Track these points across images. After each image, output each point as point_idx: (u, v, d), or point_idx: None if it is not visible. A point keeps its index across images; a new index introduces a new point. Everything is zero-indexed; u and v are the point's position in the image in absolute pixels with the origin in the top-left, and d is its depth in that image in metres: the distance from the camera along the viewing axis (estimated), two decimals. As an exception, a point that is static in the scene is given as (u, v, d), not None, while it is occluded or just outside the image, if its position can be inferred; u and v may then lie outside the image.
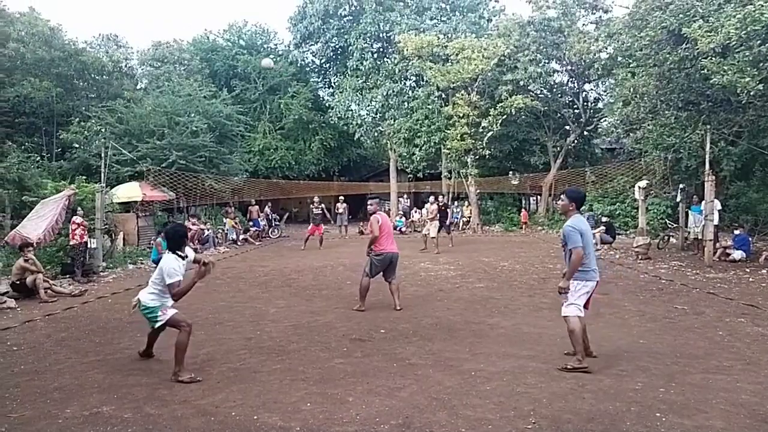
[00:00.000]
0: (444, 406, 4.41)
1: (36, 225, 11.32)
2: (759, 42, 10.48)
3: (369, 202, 8.93)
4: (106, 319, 7.94)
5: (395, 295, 8.32)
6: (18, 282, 9.44)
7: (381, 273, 8.35)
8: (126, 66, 28.38)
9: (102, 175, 14.17)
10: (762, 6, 10.37)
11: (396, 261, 8.38)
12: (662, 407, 4.33)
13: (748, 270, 11.76)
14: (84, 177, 15.40)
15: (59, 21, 38.59)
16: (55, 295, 9.57)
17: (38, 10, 23.90)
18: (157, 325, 5.47)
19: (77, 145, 20.02)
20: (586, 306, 5.50)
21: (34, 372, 5.50)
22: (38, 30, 22.59)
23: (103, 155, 14.67)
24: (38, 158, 17.44)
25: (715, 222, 13.41)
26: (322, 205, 18.71)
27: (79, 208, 12.08)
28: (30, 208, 12.33)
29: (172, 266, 5.34)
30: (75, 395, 4.80)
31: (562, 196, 5.73)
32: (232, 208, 22.17)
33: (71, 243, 11.53)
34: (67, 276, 11.49)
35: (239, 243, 19.54)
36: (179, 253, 5.49)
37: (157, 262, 13.32)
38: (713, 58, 11.11)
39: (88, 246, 12.12)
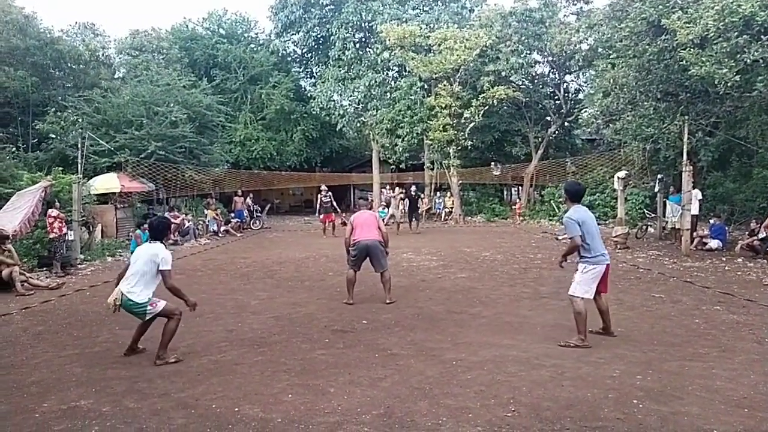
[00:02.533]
0: (425, 396, 4.44)
1: (12, 217, 11.10)
2: (736, 34, 10.60)
3: (359, 201, 9.03)
4: (84, 312, 7.85)
5: (385, 287, 8.15)
6: (-7, 275, 9.27)
7: (369, 263, 8.18)
8: (103, 55, 27.82)
9: (79, 166, 13.92)
10: (739, -2, 10.49)
11: (375, 249, 8.03)
12: (639, 394, 4.40)
13: (724, 259, 11.98)
14: (61, 168, 15.10)
15: (34, 8, 37.82)
16: (32, 288, 9.44)
17: (11, -3, 23.34)
18: (148, 317, 5.43)
19: (54, 136, 19.64)
20: (604, 289, 6.03)
21: (11, 366, 5.41)
22: (12, 18, 22.05)
23: (80, 146, 14.43)
24: (14, 149, 17.07)
25: (695, 212, 13.61)
26: (330, 193, 18.78)
27: (55, 201, 11.87)
28: (5, 200, 12.08)
29: (166, 253, 5.39)
30: (52, 389, 4.74)
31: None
32: (214, 199, 21.99)
33: (51, 236, 11.34)
34: (44, 269, 11.33)
35: (220, 234, 19.39)
36: (163, 243, 5.57)
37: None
38: (692, 50, 11.22)
39: (66, 238, 11.93)
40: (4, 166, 14.11)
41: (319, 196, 18.63)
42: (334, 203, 18.96)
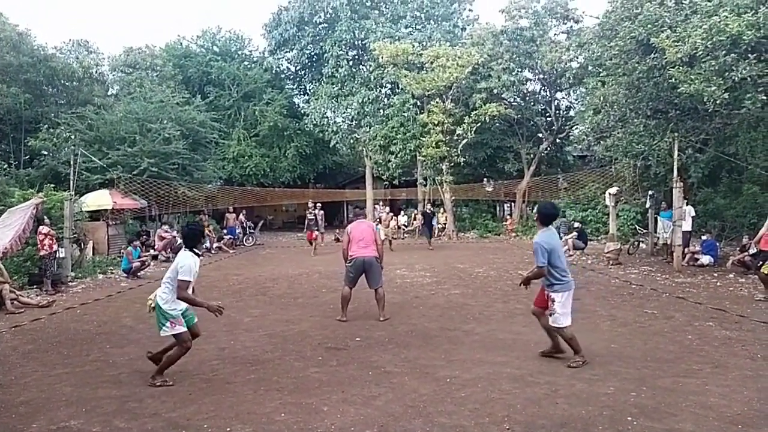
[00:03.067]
0: (419, 414, 4.41)
1: (2, 234, 10.99)
2: (724, 52, 10.76)
3: (353, 211, 9.08)
4: (75, 331, 7.77)
5: (379, 304, 8.11)
6: (-17, 293, 9.17)
7: (365, 279, 8.13)
8: (97, 72, 27.85)
9: (71, 182, 13.89)
10: (726, 17, 10.67)
11: (372, 266, 8.03)
12: (633, 411, 4.39)
13: (715, 275, 12.03)
14: (52, 185, 15.05)
15: (28, 26, 37.88)
16: (22, 306, 9.34)
17: (6, 15, 23.35)
18: (162, 333, 5.29)
19: (46, 153, 19.61)
20: (545, 305, 5.80)
21: (-1, 386, 5.34)
22: (6, 35, 22.05)
23: (72, 163, 14.40)
24: (5, 166, 17.01)
25: (687, 228, 13.68)
26: (316, 211, 19.02)
27: (45, 218, 11.78)
28: (-4, 217, 11.99)
29: (188, 262, 5.24)
30: (42, 409, 4.67)
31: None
32: (206, 215, 21.92)
33: (41, 254, 11.25)
34: (35, 286, 11.22)
35: (213, 251, 19.30)
36: (195, 251, 5.42)
37: (127, 271, 13.21)
38: (680, 68, 11.38)
39: (57, 255, 11.84)
40: (-5, 183, 14.04)
41: (306, 212, 18.82)
42: (319, 220, 19.20)
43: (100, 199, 16.83)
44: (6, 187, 14.51)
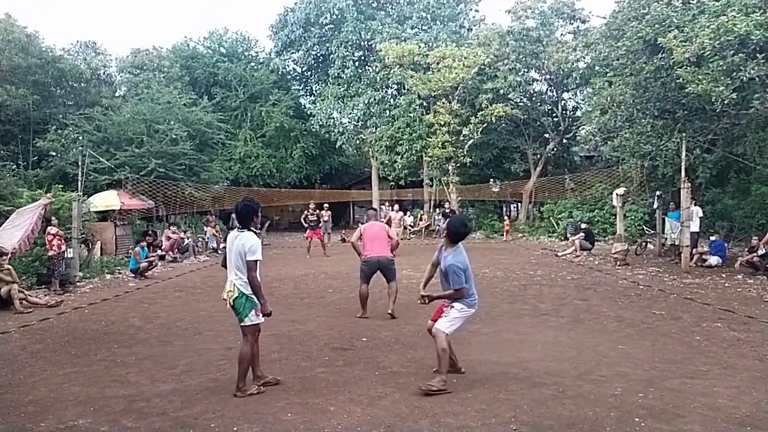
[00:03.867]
0: (426, 414, 4.41)
1: (11, 234, 11.10)
2: (732, 52, 10.71)
3: (368, 211, 9.37)
4: (83, 330, 7.81)
5: (390, 297, 8.31)
6: (-8, 293, 9.24)
7: (382, 276, 8.35)
8: (104, 73, 28.01)
9: (79, 183, 13.96)
10: (734, 17, 10.62)
11: (388, 264, 8.31)
12: (641, 412, 4.37)
13: (724, 275, 11.96)
14: (61, 186, 15.16)
15: (36, 28, 38.15)
16: (31, 305, 9.39)
17: (15, 17, 23.52)
18: (246, 323, 4.98)
19: (54, 154, 19.74)
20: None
21: (8, 385, 5.37)
22: (15, 37, 22.23)
23: (80, 163, 14.47)
24: (14, 167, 17.14)
25: (695, 228, 13.60)
26: (320, 212, 18.92)
27: (53, 218, 11.85)
28: (5, 218, 12.08)
29: (255, 241, 4.93)
30: (50, 408, 4.70)
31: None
32: (213, 216, 21.99)
33: (49, 254, 11.32)
34: (43, 286, 11.29)
35: (220, 251, 19.33)
36: (253, 230, 5.10)
37: (135, 271, 13.27)
38: (688, 68, 11.33)
39: (65, 256, 11.92)
40: (4, 184, 14.15)
41: (305, 212, 18.63)
42: (326, 222, 19.19)
43: (107, 200, 16.92)
44: (15, 188, 14.61)
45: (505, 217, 25.32)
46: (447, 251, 5.32)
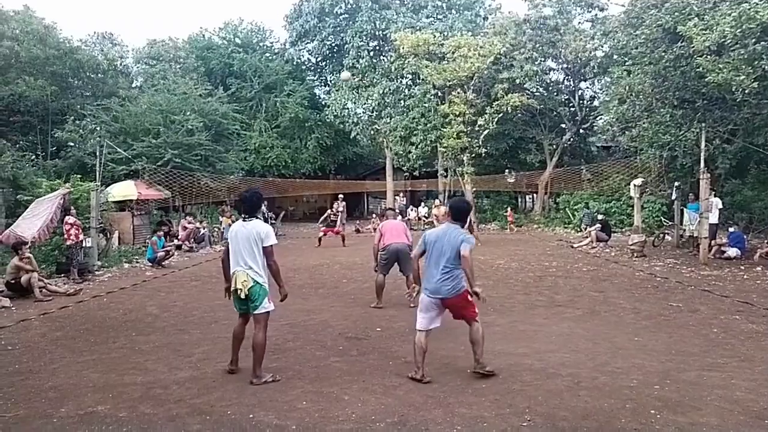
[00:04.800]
0: (439, 404, 4.42)
1: (31, 224, 11.28)
2: (754, 40, 10.49)
3: (387, 211, 9.59)
4: (102, 318, 7.92)
5: (411, 290, 8.30)
6: (13, 281, 9.41)
7: (397, 267, 8.40)
8: (121, 64, 28.28)
9: (97, 173, 14.12)
10: (757, 4, 10.40)
11: (405, 253, 8.28)
12: (657, 404, 4.34)
13: (743, 267, 11.80)
14: (79, 176, 15.34)
15: (54, 19, 38.35)
16: (50, 294, 9.54)
17: (33, 8, 23.82)
18: (259, 311, 5.04)
19: (72, 144, 19.95)
20: (468, 315, 5.17)
21: (29, 371, 5.48)
22: (33, 28, 22.48)
23: (98, 154, 14.63)
24: (33, 157, 17.39)
25: (714, 220, 13.42)
26: (340, 207, 19.55)
27: (71, 208, 12.01)
28: (25, 207, 12.28)
29: (267, 227, 5.02)
30: (70, 394, 4.78)
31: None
32: (229, 206, 22.13)
33: (68, 243, 11.49)
34: (62, 275, 11.46)
35: (232, 243, 19.48)
36: (258, 216, 5.16)
37: (152, 261, 13.42)
38: (708, 57, 11.13)
39: (84, 245, 12.08)
40: (23, 174, 14.36)
41: (329, 211, 19.13)
42: (341, 213, 19.40)
43: (125, 190, 17.09)
44: (34, 178, 14.83)
45: (509, 209, 25.01)
46: (449, 230, 5.14)
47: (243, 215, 5.15)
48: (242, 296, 5.00)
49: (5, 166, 13.89)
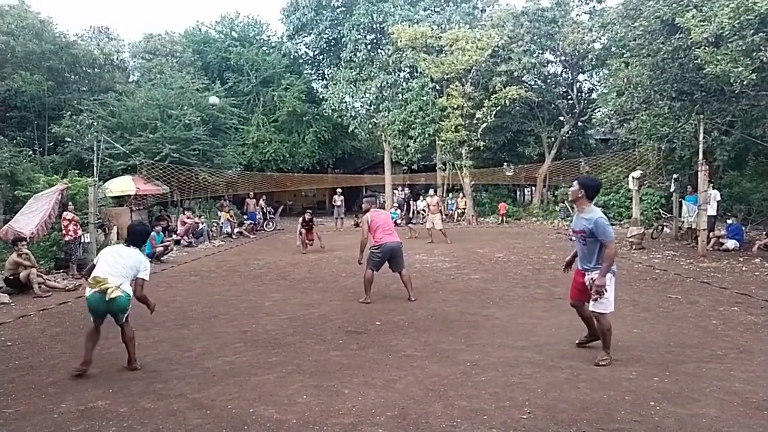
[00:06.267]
0: (439, 397, 4.43)
1: (29, 219, 11.25)
2: (752, 31, 10.48)
3: (364, 200, 8.92)
4: (101, 314, 7.90)
5: (408, 286, 8.30)
6: (12, 277, 9.39)
7: (387, 264, 8.32)
8: (118, 59, 28.18)
9: (94, 168, 14.08)
10: (755, -5, 10.37)
11: (399, 251, 8.28)
12: (656, 396, 4.36)
13: (741, 259, 11.83)
14: (76, 171, 15.31)
15: (49, 14, 38.32)
16: (49, 289, 9.53)
17: (28, 3, 23.67)
18: (124, 317, 5.32)
19: (69, 139, 19.92)
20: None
21: (29, 367, 5.48)
22: (28, 23, 22.38)
23: (95, 149, 14.58)
24: (30, 152, 17.35)
25: (712, 212, 13.44)
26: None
27: (69, 204, 11.99)
28: (23, 203, 12.25)
29: (148, 264, 5.54)
30: (70, 390, 4.78)
31: (574, 183, 5.43)
32: (227, 201, 22.12)
33: (66, 239, 11.48)
34: (61, 271, 11.45)
35: (234, 236, 19.50)
36: (141, 248, 5.65)
37: (151, 256, 13.42)
38: (706, 48, 11.12)
39: (82, 240, 12.06)
40: (21, 169, 14.33)
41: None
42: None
43: (123, 185, 17.07)
44: (31, 173, 14.79)
45: (502, 202, 24.93)
46: (582, 212, 5.30)
47: (126, 243, 5.54)
48: (108, 298, 5.11)
49: (2, 162, 13.87)
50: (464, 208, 24.92)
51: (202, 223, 18.26)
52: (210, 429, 3.95)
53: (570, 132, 25.86)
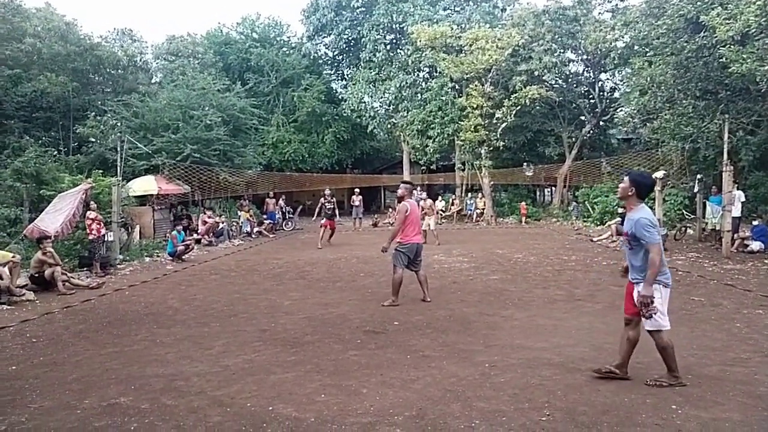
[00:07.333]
0: (458, 398, 4.41)
1: (54, 218, 11.46)
2: (779, 29, 10.29)
3: (401, 186, 8.35)
4: (124, 311, 8.04)
5: (424, 286, 8.26)
6: (37, 275, 9.58)
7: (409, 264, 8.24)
8: (141, 60, 28.52)
9: (118, 168, 14.30)
10: (782, -8, 10.18)
11: (421, 251, 8.21)
12: (678, 399, 4.29)
13: (766, 261, 11.59)
14: (100, 171, 15.56)
15: (74, 16, 38.95)
16: (73, 287, 9.70)
17: (54, 6, 24.14)
18: None
19: (93, 140, 20.21)
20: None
21: (53, 363, 5.58)
22: (54, 25, 22.79)
23: (118, 149, 14.80)
24: (55, 152, 17.62)
25: (737, 213, 13.19)
26: (334, 199, 17.33)
27: (92, 203, 12.19)
28: (48, 202, 12.48)
29: None
30: (93, 386, 4.87)
31: (625, 178, 5.04)
32: (247, 200, 22.30)
33: (90, 238, 11.68)
34: (85, 269, 11.65)
35: (254, 235, 19.65)
36: None
37: (172, 255, 13.58)
38: (732, 47, 10.93)
39: (105, 239, 12.26)
40: (46, 169, 14.58)
41: (321, 200, 16.84)
42: (336, 210, 17.36)
43: (146, 185, 17.29)
44: (56, 173, 15.05)
45: (522, 203, 24.71)
46: (629, 212, 4.90)
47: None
48: None
49: (28, 162, 14.13)
50: (483, 209, 24.79)
51: (223, 223, 18.43)
52: (230, 427, 3.99)
53: (591, 132, 25.58)
